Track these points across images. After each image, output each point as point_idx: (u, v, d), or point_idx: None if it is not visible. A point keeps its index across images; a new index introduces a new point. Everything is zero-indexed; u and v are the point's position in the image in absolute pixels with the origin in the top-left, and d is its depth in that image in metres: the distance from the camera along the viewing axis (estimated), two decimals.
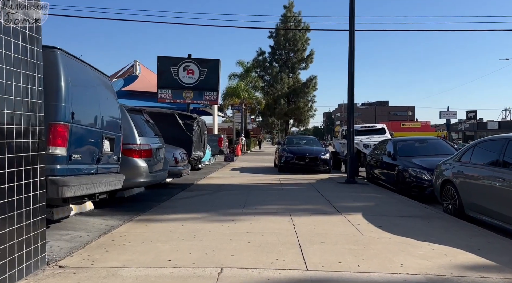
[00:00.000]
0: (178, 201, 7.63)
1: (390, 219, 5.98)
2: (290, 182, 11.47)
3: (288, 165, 14.19)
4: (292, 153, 14.21)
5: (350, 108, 11.28)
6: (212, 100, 16.51)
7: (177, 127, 11.43)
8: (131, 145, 6.59)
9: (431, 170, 8.72)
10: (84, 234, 4.80)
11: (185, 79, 16.16)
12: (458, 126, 60.54)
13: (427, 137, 12.16)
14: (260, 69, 45.18)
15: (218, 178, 12.28)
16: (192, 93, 16.28)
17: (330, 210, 6.73)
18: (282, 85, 42.93)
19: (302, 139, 17.28)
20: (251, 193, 8.79)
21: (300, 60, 44.51)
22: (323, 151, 14.58)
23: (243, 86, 39.70)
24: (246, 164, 18.97)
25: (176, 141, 11.29)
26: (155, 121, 11.60)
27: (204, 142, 13.10)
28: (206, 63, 16.32)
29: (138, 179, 6.56)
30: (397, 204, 7.51)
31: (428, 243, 4.59)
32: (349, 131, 11.44)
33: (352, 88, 11.18)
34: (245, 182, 11.29)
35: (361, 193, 9.22)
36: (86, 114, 4.71)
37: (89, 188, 4.54)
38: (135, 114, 7.18)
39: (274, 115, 45.09)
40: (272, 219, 5.87)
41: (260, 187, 10.23)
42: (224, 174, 13.78)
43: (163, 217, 6.04)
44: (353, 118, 11.36)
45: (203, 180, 11.74)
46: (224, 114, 39.58)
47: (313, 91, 44.14)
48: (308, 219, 5.95)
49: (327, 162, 14.16)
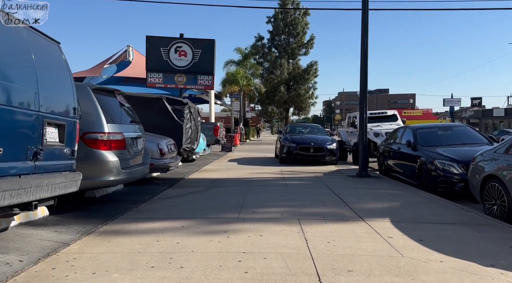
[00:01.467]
0: (161, 202, 6.27)
1: (430, 229, 4.63)
2: (294, 175, 10.11)
3: (290, 156, 12.81)
4: (295, 143, 12.81)
5: (363, 91, 9.86)
6: (207, 84, 15.01)
7: (165, 113, 10.02)
8: (97, 134, 5.20)
9: (462, 162, 7.38)
10: (16, 259, 3.43)
11: (177, 62, 14.64)
12: (462, 114, 59.19)
13: (451, 124, 10.80)
14: (258, 56, 43.51)
15: (213, 171, 10.92)
16: (185, 77, 14.77)
17: (348, 215, 5.37)
18: (282, 71, 41.29)
19: (305, 127, 15.81)
20: (250, 190, 7.43)
21: (300, 45, 42.80)
22: (329, 141, 13.19)
23: (242, 73, 38.20)
24: (244, 155, 17.62)
25: (164, 130, 9.92)
26: (140, 107, 10.19)
27: (197, 130, 11.69)
28: (200, 43, 14.78)
29: (105, 177, 5.19)
30: (427, 205, 6.15)
31: (500, 271, 3.25)
32: (361, 117, 10.03)
33: (365, 69, 9.74)
34: (243, 176, 9.93)
35: (379, 189, 7.86)
36: (11, 90, 3.30)
37: (17, 195, 3.17)
38: (104, 95, 5.76)
39: (273, 103, 43.55)
40: (276, 230, 4.51)
41: (260, 182, 8.87)
42: (220, 166, 12.42)
43: (136, 226, 4.68)
44: (366, 102, 9.95)
45: (196, 173, 10.37)
46: (222, 102, 38.13)
47: (314, 77, 42.52)
48: (323, 229, 4.59)
49: (333, 152, 12.79)
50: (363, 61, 9.73)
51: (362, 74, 9.77)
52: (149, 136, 8.10)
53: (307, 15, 42.35)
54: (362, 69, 9.74)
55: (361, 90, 9.88)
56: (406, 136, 9.42)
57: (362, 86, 9.82)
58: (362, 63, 9.75)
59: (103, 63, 25.74)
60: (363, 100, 9.91)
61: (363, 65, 9.72)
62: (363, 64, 9.73)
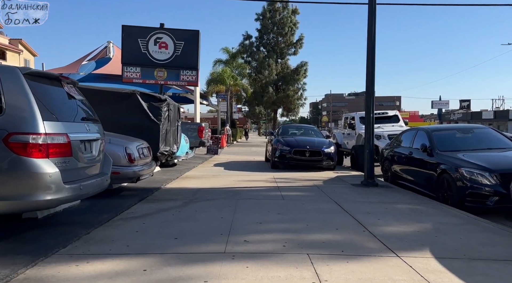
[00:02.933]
0: (124, 225, 4.80)
1: (493, 270, 3.30)
2: (290, 184, 8.73)
3: (283, 160, 11.44)
4: (289, 146, 11.44)
5: (370, 86, 8.54)
6: (191, 80, 13.46)
7: (139, 111, 8.54)
8: (27, 136, 3.71)
9: (495, 171, 6.14)
10: None
11: (156, 55, 13.08)
12: (450, 116, 58.88)
13: (471, 125, 9.57)
14: (246, 55, 42.11)
15: (195, 179, 9.46)
16: (166, 72, 13.21)
17: (373, 246, 4.00)
18: (270, 71, 40.00)
19: (299, 129, 14.39)
20: (240, 206, 6.02)
21: (288, 45, 41.58)
22: (327, 143, 11.86)
23: (228, 72, 36.85)
24: (232, 158, 16.20)
25: (138, 131, 8.46)
26: (108, 103, 8.69)
27: (177, 131, 10.23)
28: (183, 34, 13.22)
29: (38, 196, 3.70)
30: (467, 228, 4.83)
31: None
32: (367, 117, 8.72)
33: (372, 61, 8.45)
34: (231, 184, 8.51)
35: (395, 203, 6.53)
36: None
37: None
38: (44, 83, 4.27)
39: (261, 103, 42.21)
40: (281, 277, 3.11)
41: (252, 193, 7.46)
42: (204, 172, 10.96)
43: (76, 271, 3.22)
44: (373, 100, 8.64)
45: (175, 181, 8.90)
46: (209, 102, 36.66)
47: (304, 78, 41.30)
48: (346, 272, 3.21)
49: (331, 157, 11.47)
50: (370, 52, 8.43)
51: (368, 67, 8.46)
52: (115, 138, 6.63)
53: (297, 13, 41.24)
54: (369, 62, 8.43)
55: (367, 85, 8.56)
56: (420, 140, 8.14)
57: (368, 80, 8.50)
58: (368, 55, 8.45)
59: (81, 59, 24.04)
60: (369, 97, 8.60)
61: (370, 57, 8.42)
62: (370, 55, 8.42)
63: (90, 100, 5.26)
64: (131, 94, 8.65)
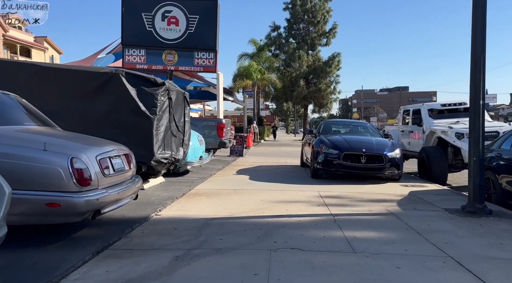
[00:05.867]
0: None
1: None
2: (349, 209, 5.72)
3: (329, 167, 8.41)
4: (338, 149, 8.39)
5: (479, 54, 5.38)
6: (208, 65, 10.57)
7: (123, 100, 5.80)
8: None
9: None
10: None
11: (165, 33, 10.29)
12: (499, 111, 53.67)
13: None
14: (274, 47, 39.07)
15: (207, 198, 6.62)
16: (176, 54, 10.42)
17: None
18: (301, 64, 36.71)
19: (346, 125, 11.03)
20: (277, 272, 3.12)
21: (320, 34, 38.15)
22: (389, 146, 8.70)
23: (255, 66, 34.06)
24: (259, 161, 13.33)
25: (122, 129, 5.80)
26: (78, 89, 6.02)
27: (185, 130, 7.44)
28: (197, 6, 10.31)
29: None
30: None
31: None
32: (473, 103, 5.54)
33: (483, 12, 5.29)
34: (258, 209, 5.62)
35: None
36: None
37: None
38: None
39: (291, 99, 38.97)
40: None
41: (294, 231, 4.52)
42: (222, 184, 8.12)
43: None
44: (484, 77, 5.46)
45: (178, 202, 6.09)
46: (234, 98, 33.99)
47: (337, 70, 37.68)
48: None
49: (397, 163, 8.34)
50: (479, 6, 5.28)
51: (478, 21, 5.32)
52: (57, 140, 3.89)
53: (329, 0, 37.85)
54: (479, 13, 5.29)
55: (474, 52, 5.40)
56: None
57: (478, 44, 5.35)
58: (475, 7, 5.30)
59: (98, 53, 22.09)
60: (477, 72, 5.42)
61: (480, 9, 5.27)
62: (480, 8, 5.28)
63: (48, 84, 2.54)
64: (112, 75, 5.89)
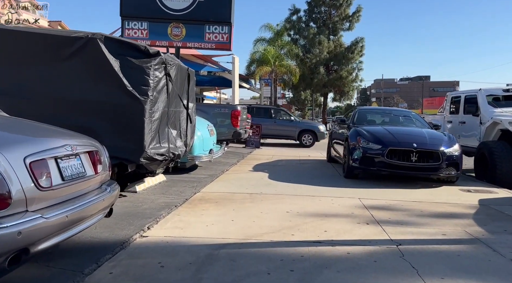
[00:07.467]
0: None
1: None
2: (415, 231, 4.09)
3: (369, 166, 6.75)
4: (381, 143, 6.71)
5: None
6: (221, 41, 8.92)
7: (102, 75, 4.26)
8: None
9: None
10: None
11: (171, 2, 8.64)
12: None
13: None
14: (293, 31, 37.06)
15: (216, 206, 5.07)
16: (184, 28, 8.82)
17: None
18: (321, 49, 34.67)
19: (385, 113, 9.13)
20: None
21: (343, 18, 35.96)
22: (446, 140, 6.94)
23: (273, 52, 32.19)
24: (278, 153, 11.77)
25: (101, 114, 4.28)
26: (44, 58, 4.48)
27: (188, 117, 5.88)
28: None
29: None
30: None
31: None
32: None
33: None
34: (282, 229, 4.05)
35: None
36: None
37: None
38: None
39: (311, 86, 37.02)
40: None
41: (344, 271, 2.93)
42: (235, 186, 6.56)
43: None
44: None
45: (177, 212, 4.57)
46: (250, 85, 32.30)
47: (359, 57, 35.55)
48: None
49: (456, 162, 6.62)
50: None
51: None
52: None
53: None
54: None
55: None
56: None
57: None
58: None
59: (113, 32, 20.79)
60: None
61: None
62: None
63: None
64: (88, 39, 4.33)
